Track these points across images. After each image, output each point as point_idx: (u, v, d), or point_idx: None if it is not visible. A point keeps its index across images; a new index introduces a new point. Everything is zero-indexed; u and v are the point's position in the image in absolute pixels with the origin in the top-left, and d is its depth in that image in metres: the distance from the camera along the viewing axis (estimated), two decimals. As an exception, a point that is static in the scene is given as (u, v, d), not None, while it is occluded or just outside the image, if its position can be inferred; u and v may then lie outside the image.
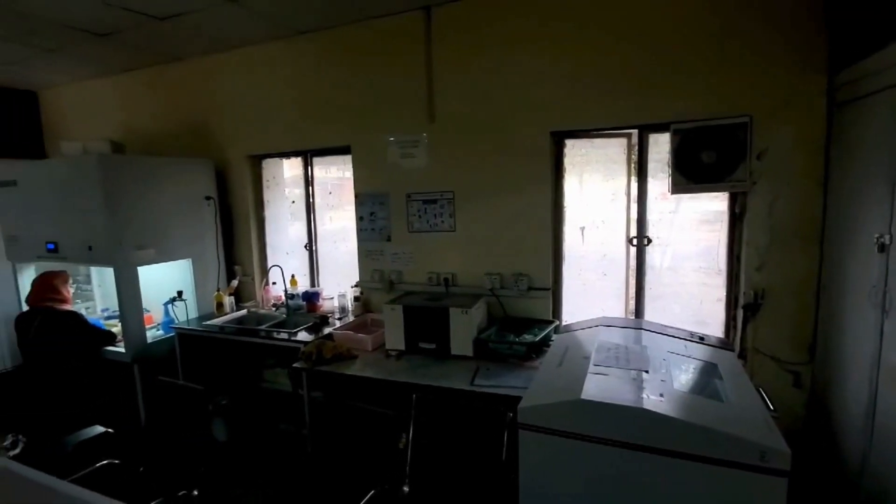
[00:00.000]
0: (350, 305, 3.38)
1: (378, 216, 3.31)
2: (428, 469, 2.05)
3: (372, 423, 3.08)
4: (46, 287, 3.03)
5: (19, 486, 1.14)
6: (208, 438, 2.22)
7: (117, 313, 3.32)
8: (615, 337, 2.07)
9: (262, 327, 3.22)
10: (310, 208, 3.73)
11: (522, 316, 2.91)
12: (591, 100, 2.65)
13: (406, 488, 2.01)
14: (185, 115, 3.96)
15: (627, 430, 1.48)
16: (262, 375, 3.88)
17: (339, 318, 3.29)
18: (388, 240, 3.28)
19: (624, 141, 2.78)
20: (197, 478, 2.07)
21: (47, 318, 2.93)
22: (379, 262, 3.34)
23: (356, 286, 3.42)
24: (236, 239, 3.90)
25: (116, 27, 3.12)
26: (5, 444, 2.53)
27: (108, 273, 3.42)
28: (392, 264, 3.29)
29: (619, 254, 2.83)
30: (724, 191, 2.51)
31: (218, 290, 3.60)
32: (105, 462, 2.20)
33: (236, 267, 3.88)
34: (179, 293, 3.40)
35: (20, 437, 2.57)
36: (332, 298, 3.45)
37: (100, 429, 2.37)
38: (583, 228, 2.89)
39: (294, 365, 2.69)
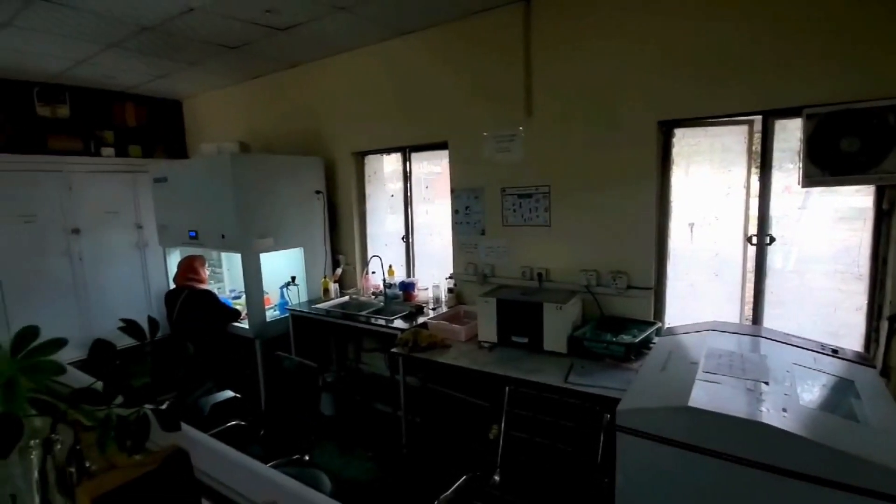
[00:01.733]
0: (444, 296, 3.48)
1: (473, 210, 3.37)
2: (519, 461, 2.07)
3: (463, 410, 3.17)
4: (189, 269, 3.53)
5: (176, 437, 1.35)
6: (317, 411, 2.44)
7: (242, 294, 3.76)
8: (728, 343, 1.92)
9: (363, 313, 3.45)
10: (407, 202, 3.90)
11: (620, 315, 2.80)
12: (706, 84, 2.44)
13: (497, 477, 2.05)
14: (298, 115, 4.33)
15: (741, 444, 1.37)
16: (360, 358, 4.17)
17: (434, 309, 3.42)
18: (483, 233, 3.33)
19: (744, 128, 2.53)
20: (308, 444, 2.29)
21: (189, 296, 3.42)
22: (473, 255, 3.40)
23: (450, 278, 3.51)
24: (341, 230, 4.20)
25: (246, 40, 3.50)
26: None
27: (235, 258, 3.88)
28: (486, 258, 3.33)
29: (733, 253, 2.59)
30: (870, 183, 2.18)
31: (325, 277, 3.93)
32: (234, 423, 2.52)
33: (340, 256, 4.19)
34: (293, 278, 3.76)
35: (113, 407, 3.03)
36: (427, 289, 3.59)
37: (230, 393, 2.72)
38: (692, 225, 2.69)
39: (392, 350, 2.85)
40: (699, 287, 2.72)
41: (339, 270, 4.08)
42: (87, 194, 4.51)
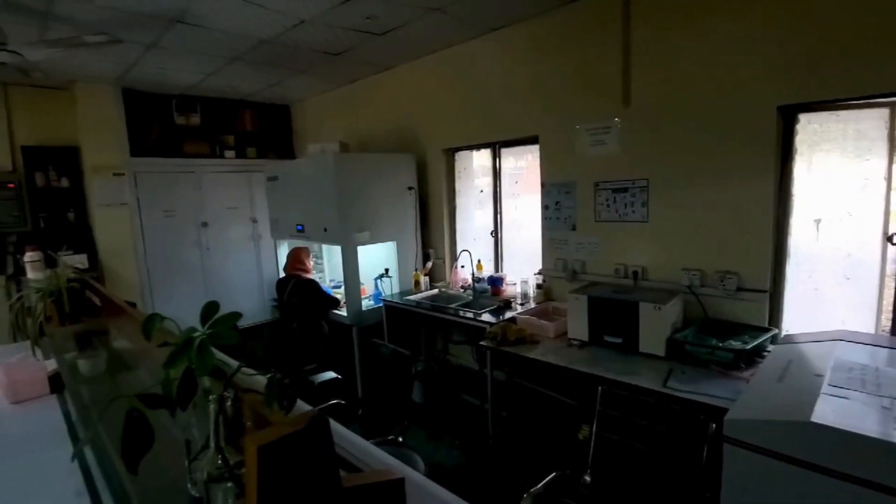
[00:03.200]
0: (532, 292, 3.47)
1: (563, 205, 3.30)
2: (611, 463, 2.01)
3: (549, 407, 3.14)
4: (296, 259, 3.88)
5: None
6: (409, 397, 2.57)
7: (340, 283, 4.04)
8: (860, 355, 1.70)
9: (452, 306, 3.55)
10: (496, 197, 3.93)
11: (728, 319, 2.59)
12: (838, 61, 2.16)
13: (588, 478, 2.02)
14: (392, 115, 4.54)
15: (873, 466, 1.23)
16: (448, 349, 4.29)
17: (521, 304, 3.42)
18: (573, 229, 3.25)
19: (884, 112, 2.20)
20: (402, 427, 2.43)
21: (297, 284, 3.75)
22: (563, 251, 3.34)
23: (538, 274, 3.49)
24: (431, 225, 4.34)
25: (347, 46, 3.74)
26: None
27: (335, 250, 4.19)
28: (576, 254, 3.26)
29: (870, 254, 2.27)
30: None
31: (416, 270, 4.09)
32: (335, 401, 2.74)
33: (430, 250, 4.33)
34: (386, 270, 3.97)
35: (276, 373, 3.37)
36: (515, 284, 3.59)
37: (332, 374, 2.95)
38: (818, 221, 2.41)
39: (481, 343, 2.90)
40: (825, 291, 2.43)
41: (429, 264, 4.23)
42: (213, 192, 5.14)
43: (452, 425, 3.54)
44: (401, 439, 2.37)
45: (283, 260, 4.27)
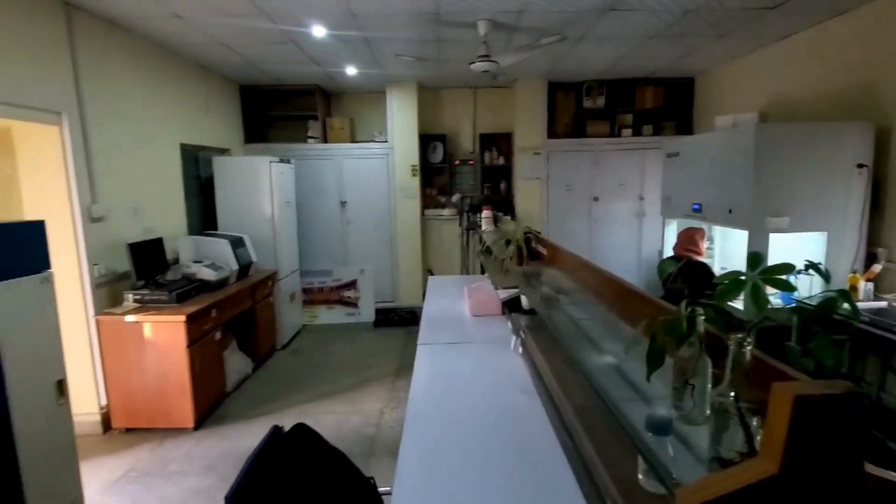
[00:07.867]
0: None
1: None
2: None
3: None
4: (689, 240, 3.70)
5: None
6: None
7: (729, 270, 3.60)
8: None
9: (913, 328, 2.59)
10: None
11: None
12: None
13: None
14: (839, 73, 3.56)
15: None
16: (884, 383, 3.21)
17: None
18: None
19: None
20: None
21: (688, 265, 3.60)
22: None
23: None
24: (887, 216, 3.24)
25: (793, -6, 3.14)
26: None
27: (730, 234, 3.74)
28: None
29: None
30: None
31: (853, 272, 3.18)
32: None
33: (879, 249, 3.25)
34: (806, 267, 3.25)
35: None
36: None
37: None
38: None
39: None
40: None
41: (876, 267, 3.19)
42: (607, 169, 5.51)
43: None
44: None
45: (670, 239, 4.17)
